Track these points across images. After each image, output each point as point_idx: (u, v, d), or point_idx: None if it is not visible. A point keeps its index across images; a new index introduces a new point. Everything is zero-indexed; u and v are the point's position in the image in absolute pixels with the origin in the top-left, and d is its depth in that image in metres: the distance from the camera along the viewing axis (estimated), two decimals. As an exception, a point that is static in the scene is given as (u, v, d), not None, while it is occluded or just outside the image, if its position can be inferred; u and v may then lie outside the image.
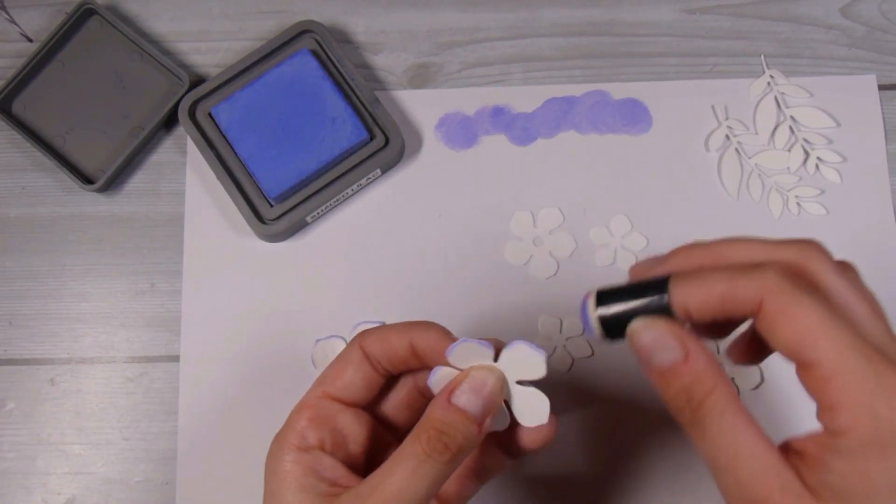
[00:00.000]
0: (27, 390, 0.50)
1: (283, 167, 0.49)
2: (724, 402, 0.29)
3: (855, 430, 0.27)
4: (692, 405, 0.30)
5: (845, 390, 0.27)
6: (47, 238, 0.52)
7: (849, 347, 0.27)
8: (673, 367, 0.30)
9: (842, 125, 0.52)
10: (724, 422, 0.29)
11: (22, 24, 0.55)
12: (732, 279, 0.29)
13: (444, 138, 0.53)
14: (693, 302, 0.30)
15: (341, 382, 0.37)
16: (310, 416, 0.36)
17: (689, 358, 0.30)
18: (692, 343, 0.30)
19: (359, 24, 0.55)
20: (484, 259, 0.51)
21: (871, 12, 0.54)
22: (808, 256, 0.30)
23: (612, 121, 0.53)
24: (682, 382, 0.30)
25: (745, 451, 0.28)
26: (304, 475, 0.35)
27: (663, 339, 0.30)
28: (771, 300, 0.28)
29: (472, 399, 0.34)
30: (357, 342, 0.37)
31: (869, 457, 0.26)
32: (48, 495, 0.49)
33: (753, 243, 0.31)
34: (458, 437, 0.33)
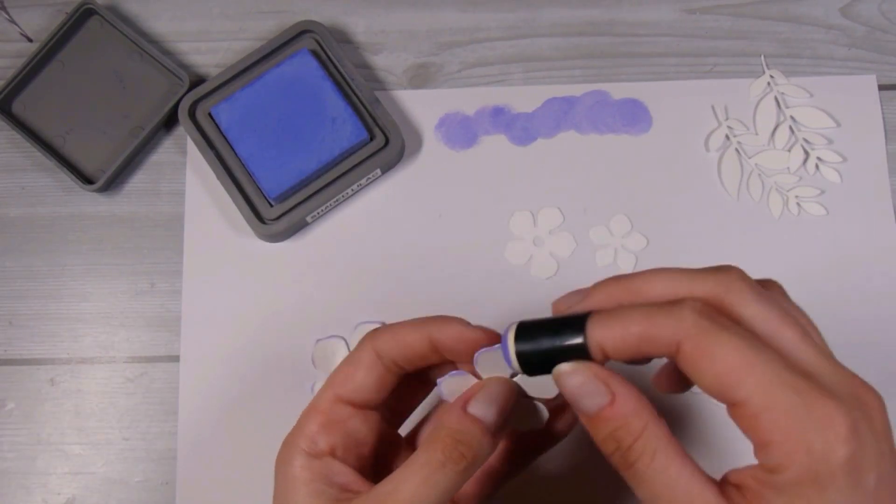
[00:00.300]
0: (27, 390, 0.50)
1: (283, 167, 0.49)
2: (654, 444, 0.29)
3: (790, 466, 0.26)
4: (622, 450, 0.29)
5: (776, 427, 0.26)
6: (47, 238, 0.52)
7: (775, 382, 0.27)
8: (599, 412, 0.30)
9: (842, 125, 0.52)
10: (656, 465, 0.28)
11: (22, 24, 0.55)
12: (649, 319, 0.29)
13: (444, 138, 0.53)
14: (610, 343, 0.29)
15: (353, 385, 0.36)
16: (321, 421, 0.36)
17: (616, 402, 0.29)
18: (619, 385, 0.30)
19: (359, 24, 0.55)
20: (484, 259, 0.51)
21: (871, 12, 0.54)
22: (727, 287, 0.29)
23: (613, 121, 0.53)
24: (610, 427, 0.29)
25: (680, 494, 0.28)
26: (315, 481, 0.34)
27: (588, 384, 0.30)
28: (689, 342, 0.28)
29: (489, 409, 0.34)
30: (369, 343, 0.37)
31: (807, 493, 0.26)
32: (48, 495, 0.49)
33: (672, 276, 0.30)
34: (473, 446, 0.33)
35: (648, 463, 0.28)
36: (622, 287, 0.31)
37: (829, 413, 0.26)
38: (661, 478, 0.28)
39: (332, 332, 0.50)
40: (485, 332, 0.36)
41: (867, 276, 0.51)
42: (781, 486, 0.26)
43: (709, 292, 0.29)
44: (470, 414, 0.34)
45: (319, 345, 0.50)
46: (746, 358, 0.27)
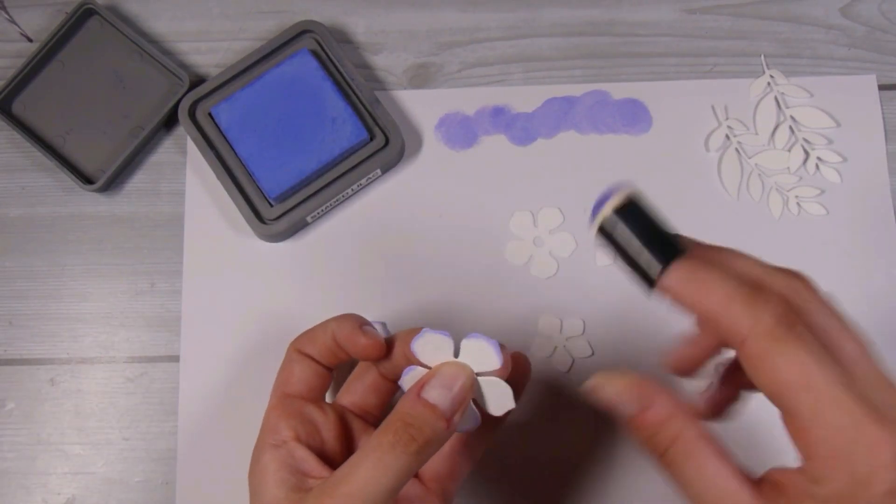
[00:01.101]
0: (27, 390, 0.50)
1: (283, 167, 0.49)
2: (689, 448, 0.29)
3: (832, 483, 0.27)
4: (658, 453, 0.30)
5: (825, 443, 0.27)
6: (47, 238, 0.52)
7: (830, 399, 0.27)
8: (635, 418, 0.31)
9: (842, 125, 0.52)
10: (690, 466, 0.29)
11: (22, 24, 0.55)
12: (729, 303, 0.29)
13: (444, 138, 0.53)
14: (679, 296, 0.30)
15: (292, 381, 0.40)
16: (277, 413, 0.38)
17: (651, 409, 0.30)
18: (654, 392, 0.30)
19: (359, 24, 0.55)
20: (484, 259, 0.51)
21: (871, 12, 0.54)
22: (798, 291, 0.29)
23: (612, 121, 0.53)
24: (646, 433, 0.30)
25: (714, 495, 0.29)
26: (280, 469, 0.36)
27: (624, 394, 0.31)
28: (757, 343, 0.28)
29: (442, 394, 0.35)
30: (292, 346, 0.40)
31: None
32: (48, 495, 0.49)
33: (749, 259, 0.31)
34: (425, 430, 0.34)
35: (683, 465, 0.29)
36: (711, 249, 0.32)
37: (877, 439, 0.26)
38: (697, 479, 0.29)
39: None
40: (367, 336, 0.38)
41: (867, 276, 0.51)
42: (819, 498, 0.27)
43: (782, 287, 0.29)
44: (422, 398, 0.35)
45: (319, 345, 0.50)
46: (809, 373, 0.27)
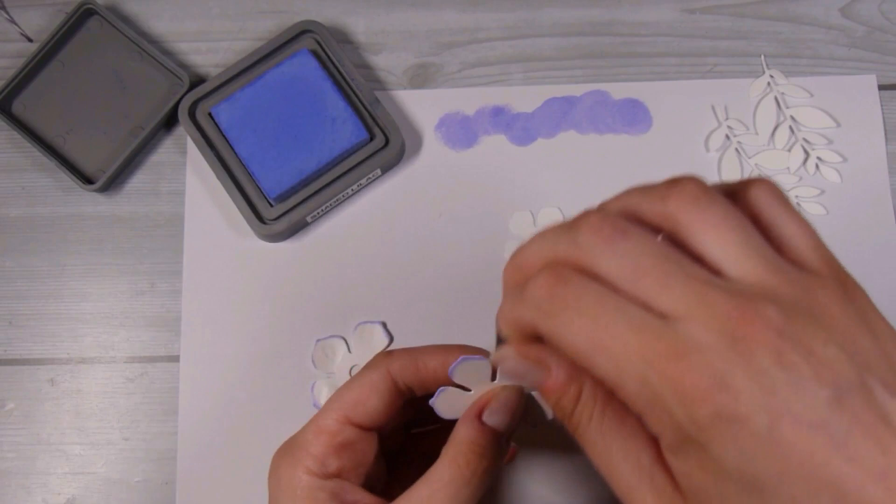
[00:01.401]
0: (27, 390, 0.50)
1: (283, 167, 0.49)
2: (590, 410, 0.28)
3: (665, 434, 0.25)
4: (566, 418, 0.29)
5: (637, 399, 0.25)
6: (47, 238, 0.52)
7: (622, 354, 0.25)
8: (541, 386, 0.30)
9: (842, 125, 0.52)
10: (593, 429, 0.28)
11: (22, 24, 0.55)
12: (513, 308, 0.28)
13: (444, 138, 0.53)
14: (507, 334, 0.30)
15: (365, 410, 0.36)
16: (329, 443, 0.35)
17: (550, 374, 0.29)
18: (549, 357, 0.29)
19: (359, 24, 0.55)
20: (484, 259, 0.51)
21: (871, 12, 0.54)
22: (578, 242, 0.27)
23: (612, 121, 0.53)
24: (553, 398, 0.29)
25: (617, 457, 0.27)
26: (329, 500, 0.34)
27: (519, 365, 0.30)
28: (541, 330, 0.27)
29: (503, 417, 0.34)
30: (384, 366, 0.36)
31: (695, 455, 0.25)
32: (48, 495, 0.49)
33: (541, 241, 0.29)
34: (493, 455, 0.33)
35: (586, 427, 0.28)
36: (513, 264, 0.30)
37: (681, 373, 0.24)
38: (599, 441, 0.28)
39: (333, 331, 0.50)
40: None
41: (867, 275, 0.50)
42: (671, 451, 0.26)
43: (565, 253, 0.27)
44: (486, 425, 0.34)
45: (319, 345, 0.50)
46: (590, 333, 0.25)
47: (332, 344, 0.50)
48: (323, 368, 0.50)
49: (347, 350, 0.50)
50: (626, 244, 0.26)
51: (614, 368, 0.25)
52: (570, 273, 0.27)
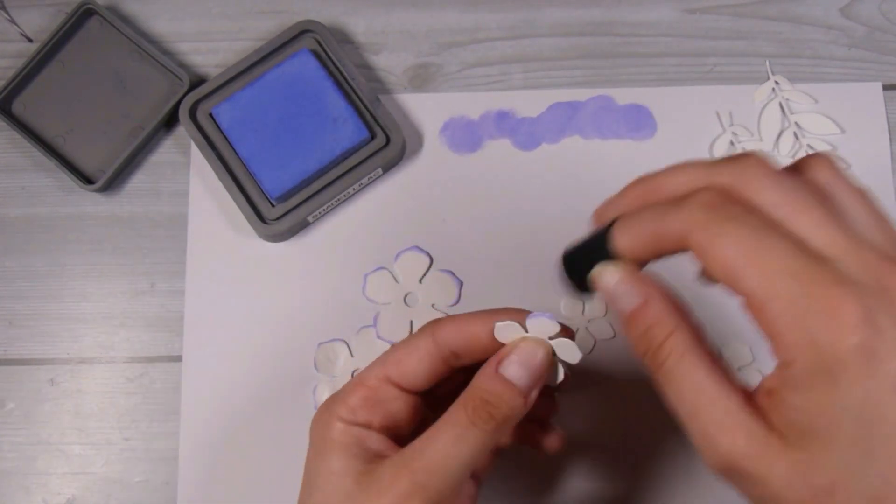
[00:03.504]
0: (27, 390, 0.50)
1: (284, 167, 0.49)
2: (683, 347, 0.28)
3: (798, 360, 0.25)
4: (651, 350, 0.29)
5: (780, 319, 0.25)
6: (47, 238, 0.52)
7: (778, 271, 0.25)
8: (633, 312, 0.30)
9: (846, 132, 0.52)
10: (682, 367, 0.28)
11: (22, 24, 0.55)
12: (660, 217, 0.28)
13: (448, 142, 0.53)
14: (630, 247, 0.30)
15: (404, 369, 0.37)
16: (365, 395, 0.36)
17: (648, 303, 0.29)
18: (651, 288, 0.30)
19: (359, 24, 0.55)
20: (486, 259, 0.51)
21: (871, 12, 0.54)
22: (742, 174, 0.28)
23: (617, 126, 0.53)
24: (642, 327, 0.30)
25: (706, 398, 0.27)
26: (352, 444, 0.35)
27: (622, 285, 0.30)
28: (695, 235, 0.27)
29: (520, 371, 0.34)
30: (430, 330, 0.37)
31: (821, 388, 0.25)
32: (48, 495, 0.49)
33: (691, 169, 0.30)
34: (503, 407, 0.34)
35: (675, 364, 0.28)
36: (647, 186, 0.31)
37: (835, 300, 0.25)
38: (687, 380, 0.28)
39: (335, 333, 0.50)
40: None
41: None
42: (794, 383, 0.26)
43: (725, 182, 0.28)
44: (500, 375, 0.34)
45: (322, 348, 0.50)
46: (750, 247, 0.26)
47: (334, 347, 0.50)
48: (325, 372, 0.50)
49: (349, 354, 0.50)
50: (792, 182, 0.27)
51: (766, 284, 0.26)
52: (733, 197, 0.27)
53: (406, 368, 0.37)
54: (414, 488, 0.33)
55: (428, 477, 0.33)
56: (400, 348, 0.37)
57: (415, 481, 0.33)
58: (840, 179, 0.29)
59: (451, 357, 0.37)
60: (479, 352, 0.37)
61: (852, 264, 0.25)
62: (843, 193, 0.28)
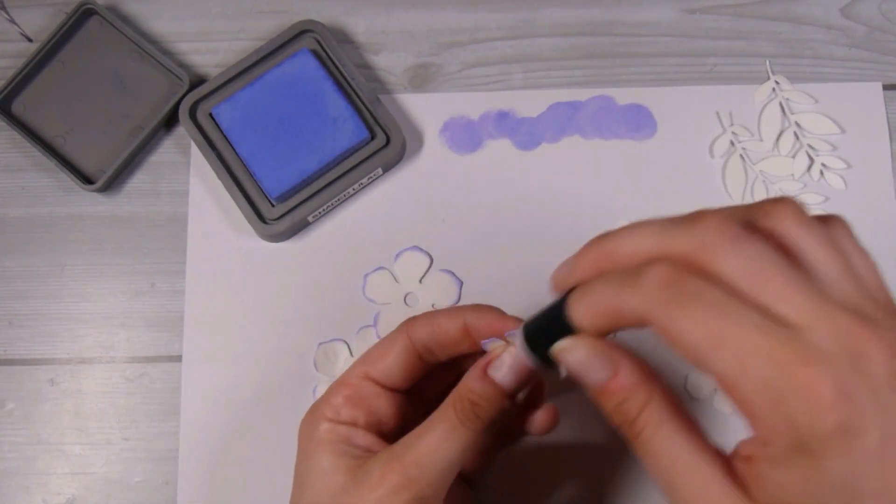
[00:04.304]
0: (27, 390, 0.50)
1: (284, 167, 0.49)
2: (658, 417, 0.28)
3: (778, 441, 0.25)
4: (627, 422, 0.29)
5: (755, 401, 0.25)
6: (47, 238, 0.52)
7: (747, 352, 0.25)
8: (604, 386, 0.29)
9: (847, 132, 0.52)
10: (660, 437, 0.28)
11: (22, 24, 0.55)
12: (616, 293, 0.27)
13: (448, 142, 0.53)
14: (588, 322, 0.29)
15: (383, 366, 0.38)
16: (347, 394, 0.38)
17: (619, 374, 0.29)
18: (621, 357, 0.29)
19: (359, 24, 0.55)
20: (487, 260, 0.51)
21: (871, 12, 0.54)
22: (700, 241, 0.26)
23: (617, 126, 0.53)
24: (615, 400, 0.29)
25: (685, 469, 0.27)
26: (338, 442, 0.36)
27: (589, 359, 0.29)
28: (654, 316, 0.26)
29: (508, 374, 0.35)
30: (404, 328, 0.38)
31: (803, 466, 0.24)
32: (48, 495, 0.49)
33: (645, 233, 0.28)
34: (490, 408, 0.35)
35: (652, 435, 0.28)
36: (602, 250, 0.29)
37: (808, 379, 0.24)
38: (665, 451, 0.27)
39: (335, 333, 0.50)
40: (517, 320, 0.37)
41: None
42: (775, 459, 0.25)
43: (682, 249, 0.27)
44: (489, 377, 0.35)
45: (321, 348, 0.50)
46: (714, 329, 0.25)
47: (333, 347, 0.50)
48: (325, 372, 0.50)
49: (349, 354, 0.50)
50: (753, 247, 0.26)
51: (736, 367, 0.25)
52: (689, 269, 0.26)
53: (384, 365, 0.38)
54: (404, 481, 0.34)
55: (418, 471, 0.34)
56: (377, 347, 0.39)
57: (405, 475, 0.34)
58: (807, 231, 0.27)
59: (425, 353, 0.38)
60: (450, 347, 0.38)
61: (824, 332, 0.24)
62: (810, 246, 0.26)
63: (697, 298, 0.25)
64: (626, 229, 0.29)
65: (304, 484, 0.36)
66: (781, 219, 0.27)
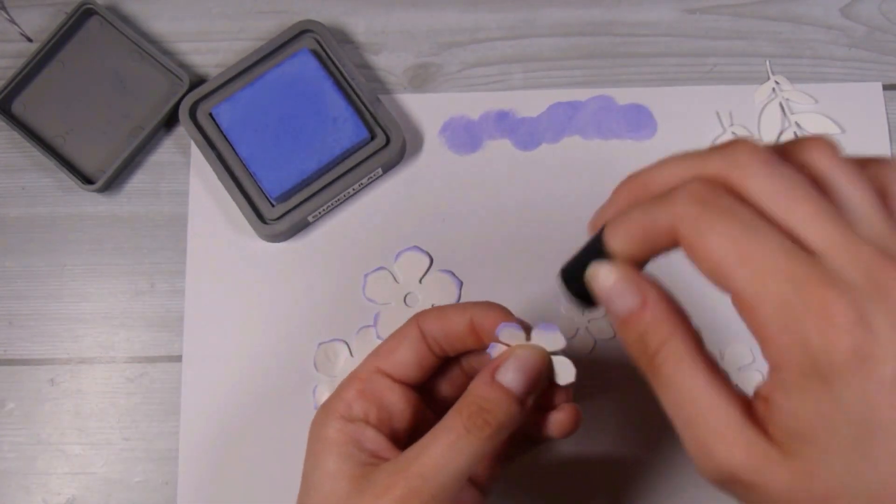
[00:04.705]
0: (27, 390, 0.50)
1: (284, 167, 0.49)
2: (680, 352, 0.27)
3: (790, 363, 0.24)
4: (647, 354, 0.28)
5: (771, 320, 0.24)
6: (47, 238, 0.52)
7: (768, 270, 0.24)
8: (629, 314, 0.28)
9: (846, 132, 0.52)
10: (680, 373, 0.27)
11: (22, 24, 0.55)
12: (648, 213, 0.27)
13: (448, 142, 0.53)
14: (624, 248, 0.29)
15: (394, 359, 0.37)
16: (359, 388, 0.37)
17: (646, 305, 0.28)
18: (649, 289, 0.28)
19: (359, 24, 0.55)
20: (487, 260, 0.51)
21: (871, 12, 0.54)
22: (733, 162, 0.26)
23: (617, 126, 0.53)
24: (638, 330, 0.28)
25: (703, 406, 0.26)
26: (346, 444, 0.35)
27: (619, 286, 0.29)
28: (683, 230, 0.26)
29: (516, 377, 0.34)
30: (415, 321, 0.38)
31: (815, 392, 0.24)
32: (48, 495, 0.49)
33: (680, 161, 0.28)
34: (499, 414, 0.34)
35: (673, 370, 0.27)
36: (636, 183, 0.29)
37: (827, 301, 0.24)
38: (684, 387, 0.27)
39: (335, 333, 0.50)
40: (521, 322, 0.36)
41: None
42: (787, 387, 0.25)
43: (715, 171, 0.27)
44: (497, 382, 0.34)
45: (321, 348, 0.50)
46: (739, 244, 0.25)
47: (334, 347, 0.50)
48: (325, 372, 0.50)
49: (349, 354, 0.50)
50: (785, 171, 0.26)
51: (757, 284, 0.25)
52: (723, 188, 0.26)
53: (396, 358, 0.37)
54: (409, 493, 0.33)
55: (423, 482, 0.33)
56: (389, 340, 0.38)
57: (410, 487, 0.33)
58: (840, 166, 0.27)
59: (435, 346, 0.38)
60: (458, 342, 0.37)
61: (847, 261, 0.24)
62: (842, 181, 0.26)
63: (725, 214, 0.25)
64: (660, 161, 0.29)
65: (310, 485, 0.36)
66: (817, 153, 0.27)
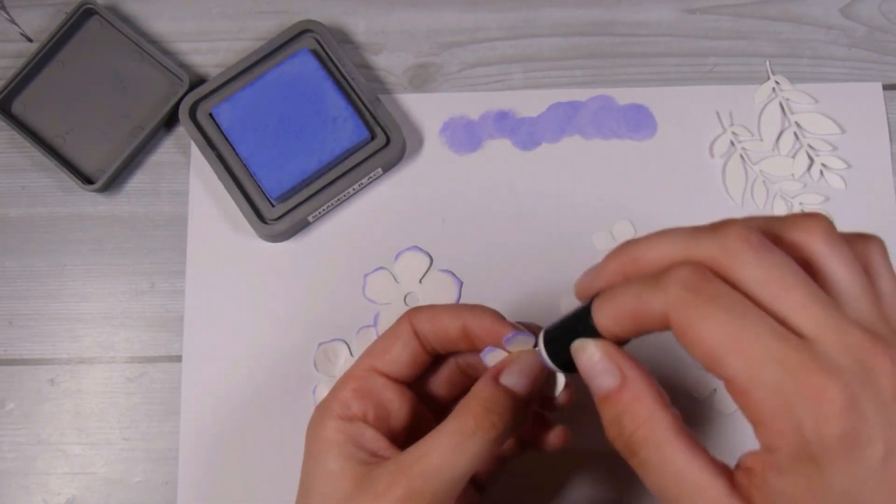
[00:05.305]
0: (27, 390, 0.50)
1: (284, 167, 0.49)
2: (659, 434, 0.28)
3: (783, 446, 0.25)
4: (624, 436, 0.29)
5: (765, 405, 0.25)
6: (47, 238, 0.52)
7: (761, 357, 0.25)
8: (608, 393, 0.29)
9: (847, 132, 0.52)
10: (661, 455, 0.27)
11: (22, 24, 0.55)
12: (639, 295, 0.28)
13: (448, 142, 0.53)
14: (611, 325, 0.29)
15: (388, 357, 0.38)
16: (354, 387, 0.37)
17: (625, 385, 0.29)
18: (629, 369, 0.29)
19: (359, 24, 0.55)
20: (487, 260, 0.51)
21: (871, 12, 0.54)
22: (723, 247, 0.27)
23: (617, 126, 0.53)
24: (615, 411, 0.29)
25: (688, 485, 0.27)
26: (346, 443, 0.35)
27: (601, 365, 0.30)
28: (675, 316, 0.27)
29: (521, 380, 0.35)
30: (407, 318, 0.38)
31: (806, 474, 0.25)
32: (48, 495, 0.49)
33: (671, 239, 0.29)
34: (505, 415, 0.34)
35: (653, 453, 0.28)
36: (627, 258, 0.30)
37: (819, 387, 0.24)
38: (667, 469, 0.27)
39: (335, 333, 0.50)
40: (515, 327, 0.36)
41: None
42: (779, 467, 0.25)
43: (706, 254, 0.27)
44: (501, 384, 0.35)
45: (321, 348, 0.50)
46: (731, 332, 0.25)
47: (334, 347, 0.50)
48: (325, 372, 0.50)
49: (349, 354, 0.50)
50: (775, 257, 0.26)
51: (750, 370, 0.25)
52: (713, 273, 0.27)
53: (390, 357, 0.38)
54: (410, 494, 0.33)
55: (425, 483, 0.33)
56: (381, 339, 0.38)
57: (411, 487, 0.33)
58: (830, 246, 0.27)
59: (428, 344, 0.38)
60: (449, 344, 0.38)
61: (837, 346, 0.25)
62: (831, 263, 0.27)
63: (717, 301, 0.26)
64: (651, 236, 0.29)
65: (310, 486, 0.36)
66: (808, 233, 0.27)
